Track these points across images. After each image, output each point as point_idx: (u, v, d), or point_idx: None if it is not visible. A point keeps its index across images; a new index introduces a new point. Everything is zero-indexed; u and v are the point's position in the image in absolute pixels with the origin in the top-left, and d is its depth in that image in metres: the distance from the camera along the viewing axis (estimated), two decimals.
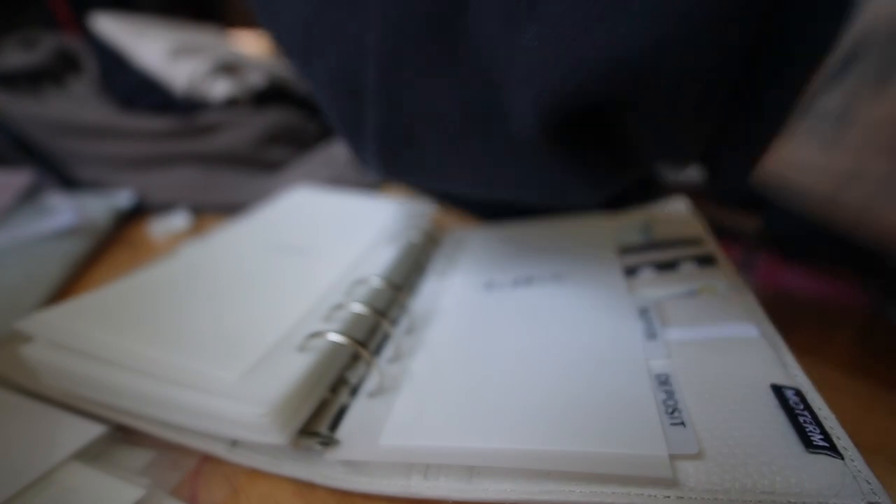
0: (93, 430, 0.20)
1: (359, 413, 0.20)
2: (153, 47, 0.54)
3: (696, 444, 0.15)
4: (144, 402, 0.20)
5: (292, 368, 0.19)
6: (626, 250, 0.29)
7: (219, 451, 0.20)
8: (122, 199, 0.44)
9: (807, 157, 0.17)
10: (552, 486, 0.16)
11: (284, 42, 0.26)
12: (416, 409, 0.20)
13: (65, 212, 0.37)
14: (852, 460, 0.14)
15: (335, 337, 0.21)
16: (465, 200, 0.48)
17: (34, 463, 0.18)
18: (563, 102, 0.18)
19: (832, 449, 0.14)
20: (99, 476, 0.18)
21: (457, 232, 0.37)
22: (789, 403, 0.16)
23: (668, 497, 0.14)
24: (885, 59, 0.14)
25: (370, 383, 0.22)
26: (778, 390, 0.17)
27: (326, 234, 0.33)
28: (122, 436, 0.21)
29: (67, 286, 0.34)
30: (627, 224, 0.32)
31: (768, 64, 0.17)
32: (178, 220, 0.42)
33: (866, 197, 0.16)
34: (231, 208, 0.46)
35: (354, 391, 0.22)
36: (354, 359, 0.24)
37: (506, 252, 0.32)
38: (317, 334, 0.21)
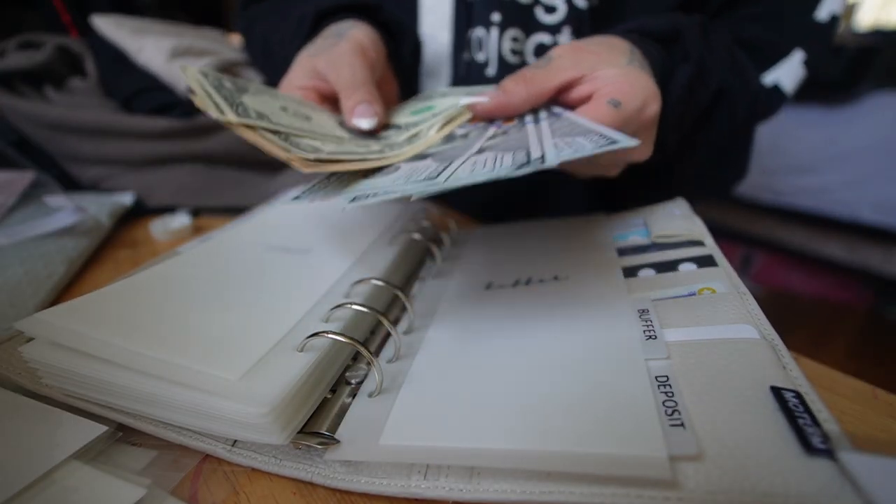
0: (93, 430, 0.20)
1: (359, 413, 0.20)
2: (155, 49, 0.54)
3: (696, 446, 0.15)
4: (145, 402, 0.20)
5: (293, 369, 0.19)
6: (626, 251, 0.29)
7: (219, 450, 0.20)
8: (123, 199, 0.44)
9: None
10: (552, 486, 0.16)
11: None
12: (416, 409, 0.20)
13: (65, 212, 0.37)
14: (852, 463, 0.14)
15: (335, 337, 0.21)
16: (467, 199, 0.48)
17: (34, 463, 0.18)
18: None
19: (832, 452, 0.14)
20: (99, 476, 0.18)
21: (457, 232, 0.37)
22: (789, 405, 0.16)
23: (668, 498, 0.14)
24: None
25: (370, 383, 0.22)
26: (777, 392, 0.17)
27: (326, 235, 0.33)
28: (122, 436, 0.21)
29: (68, 286, 0.34)
30: (627, 225, 0.32)
31: None
32: (178, 221, 0.42)
33: None
34: (231, 209, 0.47)
35: (354, 391, 0.22)
36: (354, 359, 0.24)
37: (506, 253, 0.32)
38: (317, 334, 0.21)
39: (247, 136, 0.22)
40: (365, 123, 0.30)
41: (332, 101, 0.33)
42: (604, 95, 0.25)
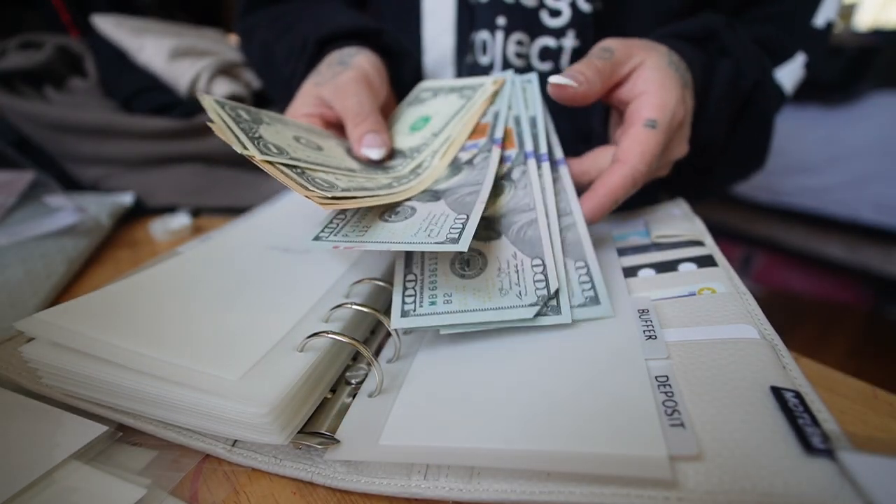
0: (93, 430, 0.20)
1: (359, 413, 0.20)
2: (155, 49, 0.55)
3: (696, 446, 0.15)
4: (145, 402, 0.20)
5: (292, 369, 0.19)
6: (625, 251, 0.29)
7: (219, 450, 0.20)
8: (123, 199, 0.44)
9: None
10: (552, 486, 0.16)
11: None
12: (417, 409, 0.20)
13: (65, 212, 0.37)
14: (852, 463, 0.14)
15: (335, 337, 0.21)
16: None
17: (35, 463, 0.18)
18: None
19: (832, 451, 0.14)
20: (99, 476, 0.18)
21: None
22: (789, 405, 0.16)
23: (668, 498, 0.14)
24: None
25: (370, 383, 0.22)
26: (777, 392, 0.17)
27: None
28: (122, 436, 0.21)
29: (68, 286, 0.34)
30: (627, 225, 0.32)
31: None
32: (178, 221, 0.42)
33: None
34: (231, 209, 0.47)
35: (354, 391, 0.22)
36: (354, 359, 0.24)
37: None
38: (317, 334, 0.21)
39: (267, 170, 0.23)
40: (374, 154, 0.31)
41: (337, 128, 0.34)
42: (640, 118, 0.28)
